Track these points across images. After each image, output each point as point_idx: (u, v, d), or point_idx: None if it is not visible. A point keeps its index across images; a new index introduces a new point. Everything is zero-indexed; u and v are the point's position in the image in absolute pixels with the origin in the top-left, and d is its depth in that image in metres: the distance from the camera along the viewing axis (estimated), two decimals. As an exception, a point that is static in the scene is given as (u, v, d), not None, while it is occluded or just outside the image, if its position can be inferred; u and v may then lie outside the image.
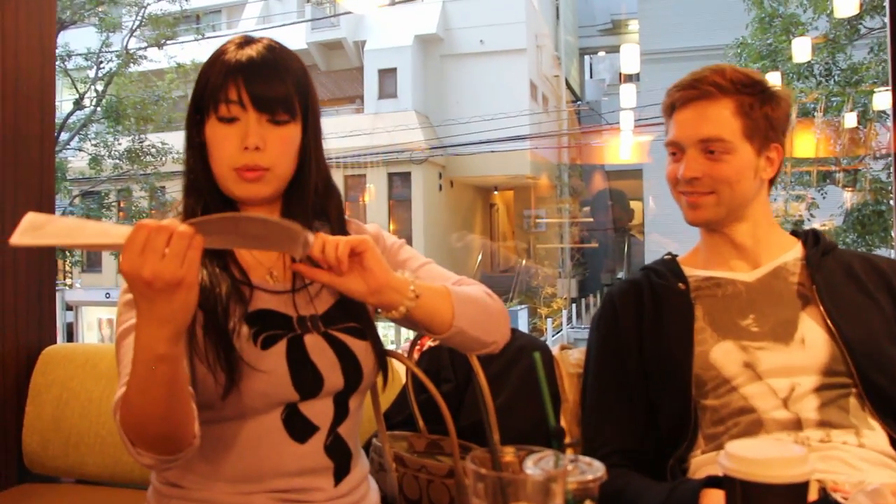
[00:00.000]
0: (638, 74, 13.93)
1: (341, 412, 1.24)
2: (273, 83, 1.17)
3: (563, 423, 1.63)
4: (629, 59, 9.81)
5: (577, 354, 1.73)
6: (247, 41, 1.21)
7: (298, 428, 1.20)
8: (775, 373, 1.37)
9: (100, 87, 14.21)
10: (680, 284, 1.50)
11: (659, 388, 1.45)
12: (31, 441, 2.06)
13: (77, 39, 13.99)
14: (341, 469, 1.24)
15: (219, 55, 1.19)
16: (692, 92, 1.44)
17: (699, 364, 1.40)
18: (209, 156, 1.20)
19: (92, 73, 14.22)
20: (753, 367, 1.38)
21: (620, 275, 22.34)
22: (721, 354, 1.40)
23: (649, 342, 1.48)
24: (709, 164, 1.42)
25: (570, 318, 18.78)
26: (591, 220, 22.60)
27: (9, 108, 2.08)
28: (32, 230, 0.89)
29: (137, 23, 14.41)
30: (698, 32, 15.62)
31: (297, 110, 1.20)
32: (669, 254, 1.60)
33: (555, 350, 1.74)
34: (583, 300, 21.34)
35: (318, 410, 1.21)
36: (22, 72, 2.12)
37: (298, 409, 1.19)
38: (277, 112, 1.17)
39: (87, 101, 14.09)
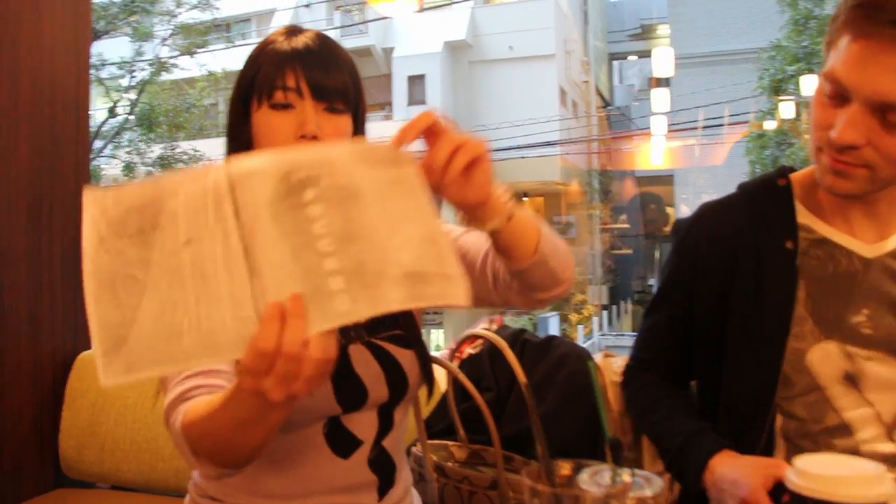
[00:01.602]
0: (668, 79, 13.81)
1: (386, 424, 1.19)
2: (331, 71, 1.13)
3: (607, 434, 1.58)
4: (662, 62, 9.63)
5: (621, 362, 1.67)
6: (296, 30, 1.17)
7: (341, 442, 1.15)
8: (882, 391, 1.16)
9: (133, 96, 14.39)
10: (787, 242, 1.21)
11: (733, 371, 1.25)
12: (68, 446, 2.07)
13: (111, 49, 14.17)
14: (385, 483, 1.20)
15: (268, 44, 1.15)
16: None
17: (790, 363, 1.18)
18: (256, 145, 1.14)
19: (125, 82, 14.41)
20: (856, 381, 1.16)
21: (651, 282, 22.15)
22: (819, 358, 1.17)
23: (735, 308, 1.24)
24: (878, 132, 1.06)
25: (600, 325, 18.63)
26: (627, 225, 22.43)
27: (45, 115, 2.09)
28: (121, 363, 0.70)
29: (169, 32, 14.58)
30: (730, 36, 15.47)
31: (351, 101, 1.16)
32: (783, 170, 1.30)
33: (598, 357, 1.69)
34: (613, 307, 21.17)
35: (362, 423, 1.17)
36: (58, 80, 2.13)
37: (341, 423, 1.15)
38: (335, 101, 1.13)
39: (120, 110, 14.27)
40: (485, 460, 1.48)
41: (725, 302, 1.25)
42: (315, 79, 1.11)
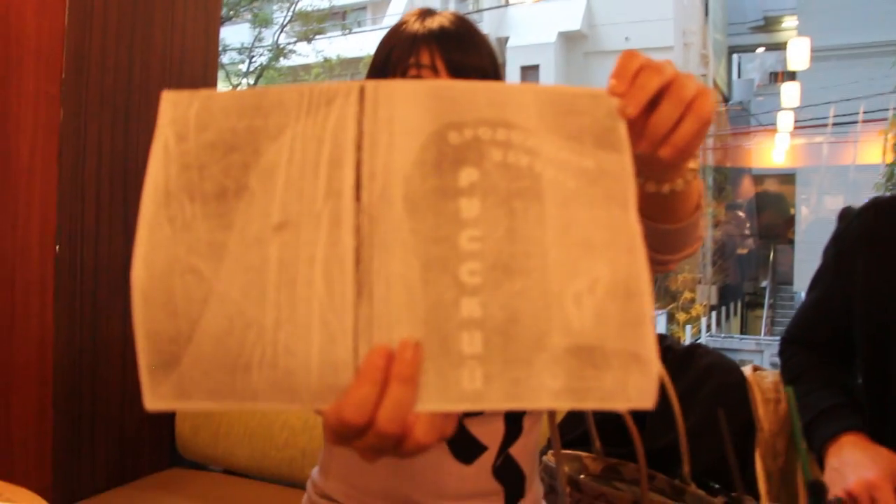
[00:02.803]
0: (794, 73, 13.15)
1: (513, 431, 1.09)
2: (469, 52, 1.04)
3: (756, 456, 1.43)
4: (797, 54, 8.97)
5: (772, 377, 1.52)
6: (430, 12, 1.09)
7: (464, 447, 1.06)
8: None
9: (251, 81, 14.76)
10: None
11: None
12: (184, 428, 2.10)
13: (232, 35, 14.60)
14: (513, 493, 1.10)
15: (401, 25, 1.07)
16: None
17: None
18: None
19: (244, 67, 14.81)
20: None
21: (764, 284, 21.35)
22: None
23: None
24: None
25: (708, 326, 18.05)
26: (748, 224, 21.65)
27: (174, 92, 2.08)
28: (172, 386, 0.51)
29: (288, 18, 14.89)
30: (866, 27, 14.57)
31: None
32: None
33: (747, 371, 1.54)
34: (723, 308, 20.47)
35: (487, 428, 1.07)
36: (186, 61, 2.13)
37: (464, 427, 1.06)
38: (472, 79, 1.03)
39: (241, 92, 14.67)
40: (621, 476, 1.36)
41: (885, 298, 1.25)
42: (453, 58, 1.02)
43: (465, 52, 1.03)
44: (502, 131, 0.53)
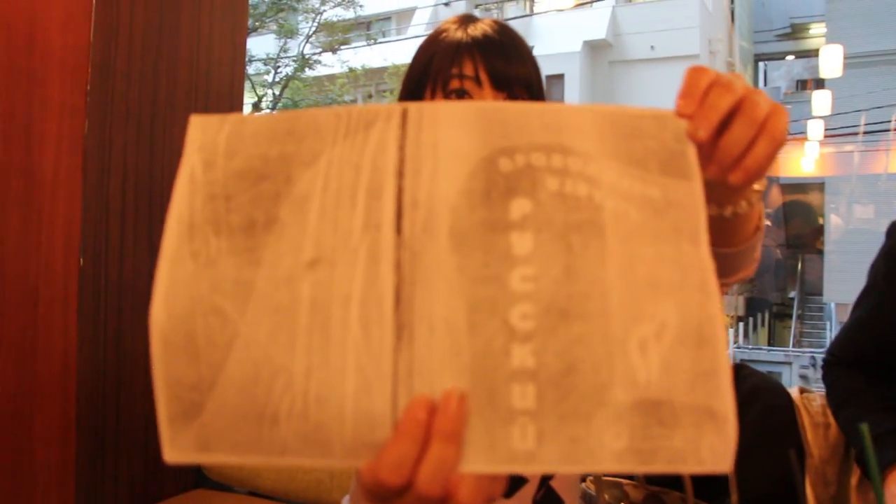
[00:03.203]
0: (824, 81, 12.98)
1: None
2: (513, 61, 0.99)
3: (807, 483, 1.37)
4: (829, 61, 8.74)
5: (821, 400, 1.45)
6: (471, 18, 1.04)
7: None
8: None
9: (276, 91, 14.84)
10: None
11: None
12: None
13: (257, 45, 14.69)
14: None
15: (440, 33, 1.03)
16: None
17: None
18: None
19: (269, 78, 14.89)
20: None
21: (791, 294, 21.08)
22: None
23: None
24: None
25: (735, 338, 17.83)
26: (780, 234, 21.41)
27: (200, 103, 2.06)
28: (193, 437, 0.46)
29: (313, 29, 14.96)
30: (895, 33, 14.37)
31: (535, 95, 1.01)
32: None
33: (794, 392, 1.48)
34: (750, 319, 20.22)
35: None
36: (213, 71, 2.10)
37: None
38: (517, 90, 0.98)
39: (263, 105, 14.74)
40: (664, 504, 1.30)
41: None
42: (497, 67, 0.97)
43: (508, 60, 0.98)
44: (558, 157, 0.48)
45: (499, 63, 0.97)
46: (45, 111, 1.71)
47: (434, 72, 0.99)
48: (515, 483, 1.00)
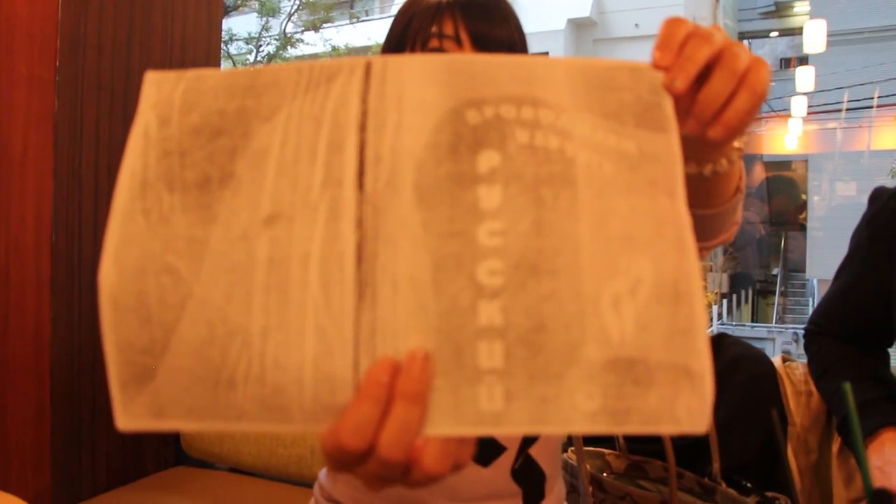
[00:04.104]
0: (806, 58, 13.01)
1: None
2: (495, 22, 0.95)
3: (789, 451, 1.36)
4: (814, 37, 8.68)
5: (803, 369, 1.45)
6: None
7: (481, 447, 0.99)
8: None
9: (258, 71, 14.74)
10: None
11: None
12: None
13: (239, 24, 14.55)
14: (532, 495, 1.03)
15: None
16: None
17: None
18: None
19: (251, 57, 14.75)
20: None
21: (775, 271, 21.26)
22: None
23: None
24: None
25: (719, 314, 17.98)
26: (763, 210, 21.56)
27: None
28: (146, 403, 0.43)
29: (295, 7, 14.82)
30: (879, 11, 14.40)
31: None
32: None
33: (776, 361, 1.47)
34: (734, 296, 20.39)
35: None
36: (188, 41, 2.07)
37: None
38: (499, 52, 0.95)
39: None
40: (646, 474, 1.29)
41: None
42: (479, 29, 0.93)
43: (491, 21, 0.94)
44: (528, 109, 0.46)
45: (480, 23, 0.94)
46: (12, 85, 1.67)
47: (413, 32, 0.95)
48: (492, 452, 0.99)
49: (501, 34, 0.94)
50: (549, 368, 0.41)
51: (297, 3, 14.78)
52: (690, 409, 0.41)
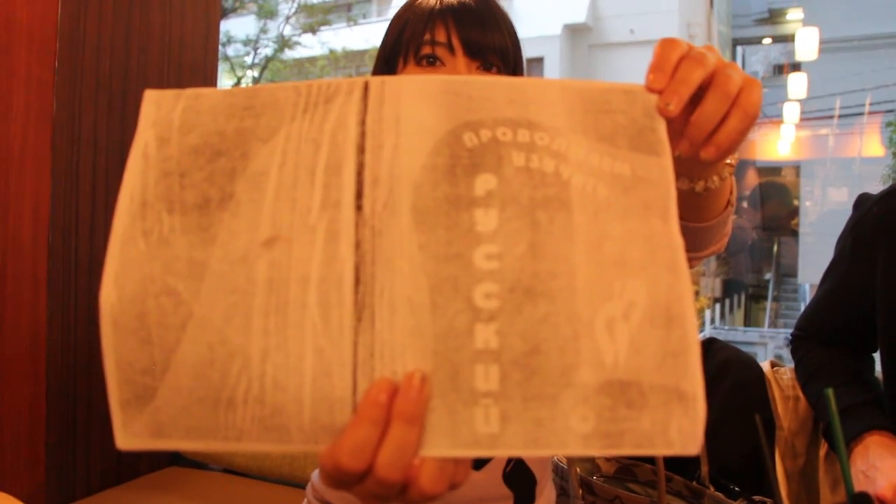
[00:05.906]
0: (799, 65, 13.05)
1: None
2: (488, 30, 0.96)
3: (777, 455, 1.38)
4: (806, 44, 8.78)
5: (791, 374, 1.46)
6: None
7: None
8: None
9: (256, 73, 14.71)
10: None
11: None
12: None
13: (237, 27, 14.55)
14: (523, 499, 1.05)
15: (416, 0, 1.01)
16: None
17: None
18: None
19: (249, 59, 14.75)
20: None
21: (767, 276, 21.29)
22: None
23: None
24: None
25: (712, 319, 18.00)
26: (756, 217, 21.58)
27: (173, 76, 2.04)
28: (146, 423, 0.44)
29: (293, 10, 14.83)
30: (871, 19, 14.46)
31: (510, 63, 0.99)
32: None
33: (765, 366, 1.49)
34: (726, 300, 20.42)
35: None
36: (186, 42, 2.07)
37: None
38: (491, 59, 0.96)
39: (243, 86, 14.63)
40: (636, 477, 1.31)
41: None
42: (471, 36, 0.95)
43: (483, 28, 0.95)
44: (524, 132, 0.47)
45: (473, 30, 0.95)
46: (11, 85, 1.68)
47: (406, 39, 0.97)
48: (486, 457, 1.00)
49: (494, 41, 0.95)
50: (544, 391, 0.43)
51: (295, 5, 14.79)
52: (682, 431, 0.43)
